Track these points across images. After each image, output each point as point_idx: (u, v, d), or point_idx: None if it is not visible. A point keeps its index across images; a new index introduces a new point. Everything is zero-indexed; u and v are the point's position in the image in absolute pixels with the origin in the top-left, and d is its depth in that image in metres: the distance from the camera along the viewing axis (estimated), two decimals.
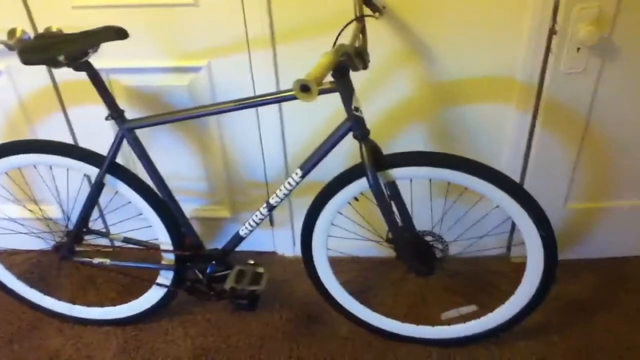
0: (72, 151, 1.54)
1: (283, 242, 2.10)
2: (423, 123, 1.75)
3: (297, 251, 2.08)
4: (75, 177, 1.83)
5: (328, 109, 1.68)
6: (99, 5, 1.58)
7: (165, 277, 1.73)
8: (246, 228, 1.58)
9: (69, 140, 1.87)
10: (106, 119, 1.44)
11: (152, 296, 1.79)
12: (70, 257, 1.67)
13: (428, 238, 1.54)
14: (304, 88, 0.97)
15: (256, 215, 1.55)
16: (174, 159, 1.88)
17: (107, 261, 1.67)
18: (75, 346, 1.81)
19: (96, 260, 1.66)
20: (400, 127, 1.76)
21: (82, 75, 1.39)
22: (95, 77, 1.40)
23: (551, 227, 1.40)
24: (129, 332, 1.84)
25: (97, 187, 1.54)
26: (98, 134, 1.74)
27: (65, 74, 1.70)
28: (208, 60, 1.67)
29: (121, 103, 1.48)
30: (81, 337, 1.84)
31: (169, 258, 1.69)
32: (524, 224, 1.42)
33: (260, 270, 1.61)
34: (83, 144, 1.85)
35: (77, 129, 1.86)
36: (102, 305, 1.87)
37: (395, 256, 1.55)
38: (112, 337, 1.83)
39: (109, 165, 1.50)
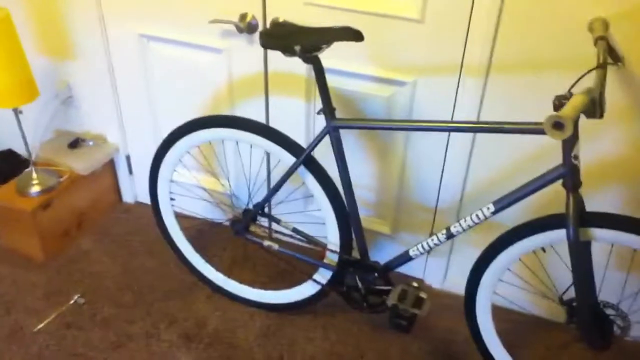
0: (276, 136, 1.60)
1: (434, 273, 2.04)
2: (624, 185, 1.62)
3: (447, 285, 2.01)
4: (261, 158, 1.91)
5: (522, 150, 1.61)
6: (329, 5, 1.64)
7: (323, 276, 1.76)
8: (417, 250, 1.55)
9: None
10: (318, 113, 1.48)
11: (304, 290, 1.82)
12: (244, 234, 1.75)
13: (609, 311, 1.42)
14: (558, 125, 0.93)
15: (432, 240, 1.51)
16: (351, 164, 1.89)
17: (276, 246, 1.72)
18: (222, 318, 1.89)
19: (266, 243, 1.72)
20: (596, 184, 1.64)
21: (292, 68, 1.42)
22: (320, 72, 1.45)
23: None
24: (272, 318, 1.89)
25: (287, 175, 1.59)
26: (288, 126, 1.80)
27: (277, 63, 1.80)
28: (415, 77, 1.67)
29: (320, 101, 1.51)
30: (227, 311, 1.92)
31: (332, 258, 1.72)
32: None
33: (423, 295, 1.57)
34: None
35: (272, 117, 1.95)
36: (253, 286, 1.94)
37: (565, 320, 1.44)
38: (256, 319, 1.89)
39: (306, 157, 1.55)
